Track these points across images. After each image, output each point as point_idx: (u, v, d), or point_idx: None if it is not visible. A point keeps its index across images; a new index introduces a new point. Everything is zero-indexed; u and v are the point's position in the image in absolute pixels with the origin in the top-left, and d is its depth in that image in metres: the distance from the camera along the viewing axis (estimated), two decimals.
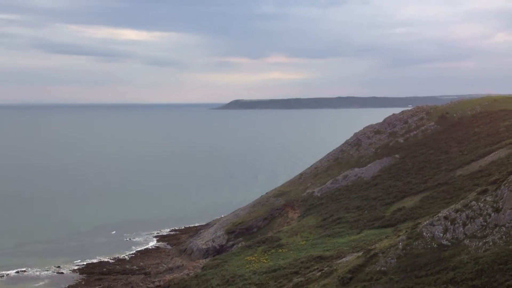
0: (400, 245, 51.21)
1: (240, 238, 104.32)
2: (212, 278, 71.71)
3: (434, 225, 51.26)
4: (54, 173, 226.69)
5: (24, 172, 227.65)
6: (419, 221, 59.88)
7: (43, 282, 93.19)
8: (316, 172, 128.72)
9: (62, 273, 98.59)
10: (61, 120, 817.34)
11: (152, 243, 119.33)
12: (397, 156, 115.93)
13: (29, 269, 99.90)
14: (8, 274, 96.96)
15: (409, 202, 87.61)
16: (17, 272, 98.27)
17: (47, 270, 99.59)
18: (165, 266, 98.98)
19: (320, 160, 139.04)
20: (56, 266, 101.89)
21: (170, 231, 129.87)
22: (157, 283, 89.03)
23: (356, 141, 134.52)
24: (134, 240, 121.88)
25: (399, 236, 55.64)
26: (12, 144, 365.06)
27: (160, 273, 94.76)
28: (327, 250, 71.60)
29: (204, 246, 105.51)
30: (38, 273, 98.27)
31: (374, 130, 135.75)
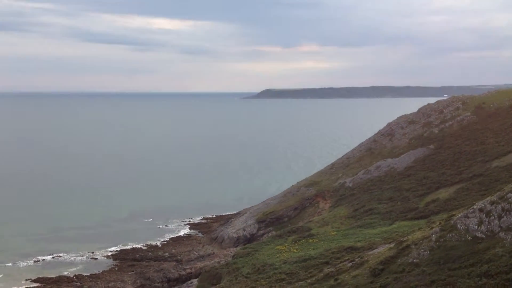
0: (434, 237, 50.26)
1: (271, 228, 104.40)
2: (243, 267, 71.97)
3: (468, 217, 50.09)
4: (90, 160, 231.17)
5: (62, 159, 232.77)
6: (453, 213, 58.65)
7: (77, 267, 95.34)
8: (348, 162, 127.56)
9: (96, 258, 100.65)
10: (96, 108, 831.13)
11: (184, 231, 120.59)
12: (431, 146, 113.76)
13: (64, 254, 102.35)
14: (44, 259, 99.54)
15: (443, 193, 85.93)
16: (53, 257, 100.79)
17: (82, 256, 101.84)
18: (196, 253, 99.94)
19: (352, 150, 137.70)
20: (90, 251, 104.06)
21: (201, 219, 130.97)
22: (188, 270, 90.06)
23: (389, 131, 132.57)
24: (166, 227, 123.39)
25: (432, 228, 54.64)
26: (49, 132, 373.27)
27: (191, 260, 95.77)
28: (358, 241, 70.92)
29: (234, 235, 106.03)
30: (73, 258, 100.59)
31: (408, 120, 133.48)
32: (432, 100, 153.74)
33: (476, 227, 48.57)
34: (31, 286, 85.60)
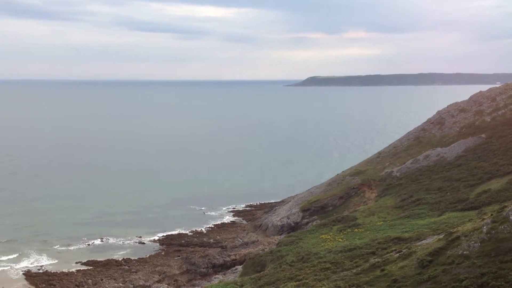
0: (485, 229, 48.60)
1: (315, 216, 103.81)
2: (287, 255, 71.87)
3: None
4: (137, 147, 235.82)
5: (108, 145, 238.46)
6: (506, 204, 56.53)
7: (125, 251, 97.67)
8: (395, 151, 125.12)
9: (143, 243, 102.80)
10: (142, 95, 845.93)
11: (228, 218, 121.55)
12: (483, 135, 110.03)
13: (113, 238, 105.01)
14: (94, 243, 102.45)
15: (495, 184, 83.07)
16: (102, 241, 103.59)
17: (129, 240, 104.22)
18: (240, 240, 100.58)
19: (400, 139, 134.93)
20: (138, 236, 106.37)
21: (245, 207, 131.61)
22: (233, 257, 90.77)
23: (439, 120, 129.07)
24: (211, 214, 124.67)
25: (483, 219, 52.84)
26: (95, 118, 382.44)
27: (236, 247, 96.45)
28: (405, 232, 69.52)
29: (279, 223, 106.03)
30: (121, 242, 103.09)
31: (458, 108, 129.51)
32: (484, 87, 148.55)
33: None
34: (82, 268, 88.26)
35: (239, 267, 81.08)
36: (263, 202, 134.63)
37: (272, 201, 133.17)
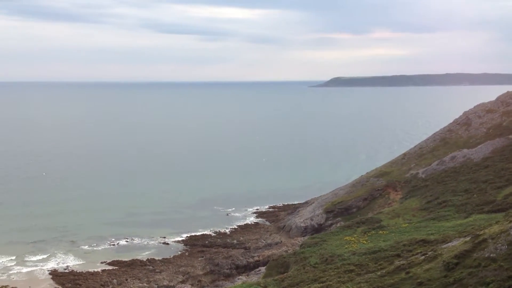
0: None
1: (339, 218, 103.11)
2: (311, 256, 71.52)
3: None
4: (163, 148, 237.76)
5: (133, 147, 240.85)
6: None
7: (150, 251, 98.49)
8: (420, 153, 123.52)
9: (168, 243, 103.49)
10: (168, 97, 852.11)
11: (252, 219, 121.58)
12: (510, 136, 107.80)
13: (138, 238, 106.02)
14: (119, 243, 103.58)
15: None
16: (127, 241, 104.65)
17: (154, 240, 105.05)
18: (264, 242, 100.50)
19: (426, 140, 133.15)
20: (162, 236, 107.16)
21: (268, 208, 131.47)
22: (256, 258, 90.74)
23: (465, 121, 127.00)
24: (235, 215, 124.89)
25: (510, 221, 51.76)
26: (122, 120, 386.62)
27: (259, 248, 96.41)
28: (431, 234, 68.51)
29: (302, 224, 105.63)
30: (145, 242, 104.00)
31: (486, 109, 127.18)
32: (511, 88, 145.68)
33: None
34: (107, 268, 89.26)
35: (262, 268, 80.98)
36: (286, 204, 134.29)
37: (296, 202, 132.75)
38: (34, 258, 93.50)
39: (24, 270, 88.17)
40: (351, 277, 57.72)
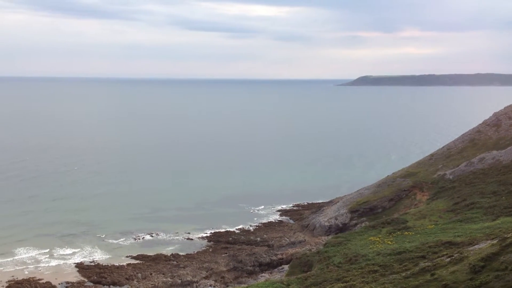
0: None
1: (364, 218, 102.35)
2: (334, 256, 71.15)
3: None
4: (189, 144, 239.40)
5: (162, 142, 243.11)
6: None
7: (174, 247, 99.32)
8: (448, 154, 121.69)
9: (192, 239, 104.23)
10: (196, 93, 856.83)
11: (275, 217, 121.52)
12: None
13: (162, 233, 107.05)
14: (144, 237, 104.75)
15: None
16: (152, 236, 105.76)
17: (178, 236, 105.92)
18: (287, 240, 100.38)
19: (454, 141, 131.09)
20: (186, 232, 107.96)
21: (293, 206, 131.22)
22: (279, 256, 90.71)
23: (495, 122, 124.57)
24: (259, 212, 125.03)
25: None
26: (149, 116, 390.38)
27: (283, 246, 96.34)
28: (458, 236, 67.46)
29: (326, 223, 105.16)
30: (170, 237, 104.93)
31: None
32: None
33: None
34: (132, 262, 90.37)
35: (286, 267, 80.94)
36: (310, 202, 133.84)
37: (320, 201, 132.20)
38: (62, 251, 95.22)
39: (52, 262, 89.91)
40: (375, 278, 57.26)
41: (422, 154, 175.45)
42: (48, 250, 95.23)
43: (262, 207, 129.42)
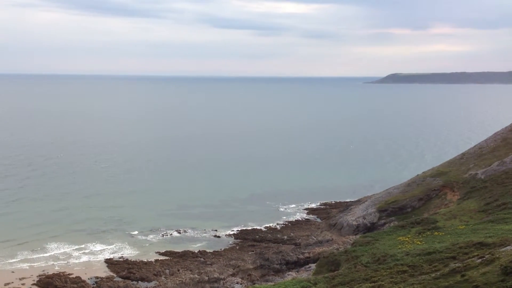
0: None
1: (393, 217, 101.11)
2: (362, 255, 70.46)
3: None
4: (216, 141, 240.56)
5: (190, 139, 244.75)
6: None
7: (201, 244, 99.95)
8: (480, 153, 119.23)
9: (219, 236, 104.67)
10: (224, 91, 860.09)
11: (303, 215, 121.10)
12: None
13: (190, 230, 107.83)
14: (171, 234, 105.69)
15: None
16: (179, 232, 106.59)
17: (205, 233, 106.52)
18: (314, 238, 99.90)
19: (486, 140, 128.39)
20: (213, 229, 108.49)
21: (320, 205, 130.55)
22: (306, 255, 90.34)
23: None
24: (285, 211, 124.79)
25: None
26: (182, 113, 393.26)
27: (310, 245, 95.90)
28: (489, 237, 66.04)
29: (354, 223, 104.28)
30: (197, 234, 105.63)
31: None
32: None
33: None
34: (160, 258, 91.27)
35: (313, 265, 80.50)
36: (338, 201, 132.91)
37: (348, 200, 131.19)
38: (92, 247, 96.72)
39: (82, 258, 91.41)
40: (404, 278, 56.51)
41: (456, 154, 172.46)
42: (79, 246, 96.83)
43: (289, 205, 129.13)
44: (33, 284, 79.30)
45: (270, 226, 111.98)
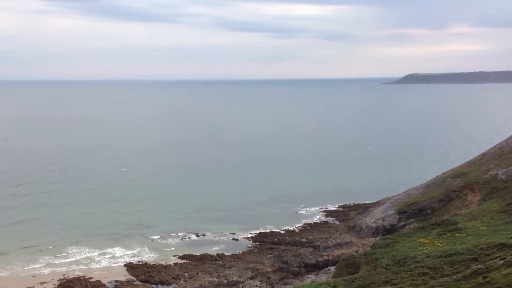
0: None
1: (412, 219, 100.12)
2: (382, 258, 69.84)
3: None
4: (233, 144, 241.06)
5: (207, 142, 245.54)
6: None
7: (219, 247, 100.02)
8: (501, 153, 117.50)
9: (237, 239, 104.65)
10: (242, 93, 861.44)
11: (321, 218, 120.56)
12: None
13: (208, 233, 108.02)
14: (190, 237, 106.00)
15: None
16: (198, 236, 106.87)
17: (223, 236, 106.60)
18: (333, 241, 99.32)
19: (506, 140, 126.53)
20: (232, 232, 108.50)
21: (338, 207, 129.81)
22: (325, 257, 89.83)
23: None
24: (304, 213, 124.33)
25: None
26: (201, 116, 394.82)
27: (329, 247, 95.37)
28: (511, 238, 65.00)
29: (373, 225, 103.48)
30: (216, 238, 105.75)
31: None
32: None
33: None
34: (179, 262, 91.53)
35: (332, 268, 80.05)
36: (357, 203, 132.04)
37: (367, 202, 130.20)
38: (112, 251, 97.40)
39: (103, 262, 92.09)
40: (425, 280, 55.87)
41: (468, 153, 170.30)
42: (100, 250, 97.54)
43: (308, 207, 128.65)
44: None
45: (288, 228, 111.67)
